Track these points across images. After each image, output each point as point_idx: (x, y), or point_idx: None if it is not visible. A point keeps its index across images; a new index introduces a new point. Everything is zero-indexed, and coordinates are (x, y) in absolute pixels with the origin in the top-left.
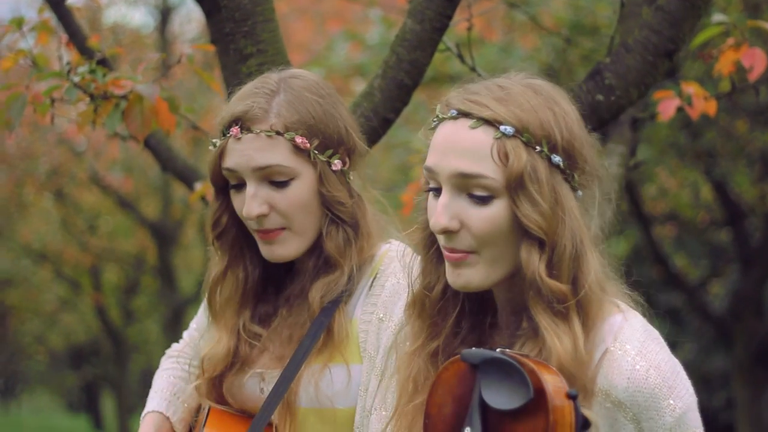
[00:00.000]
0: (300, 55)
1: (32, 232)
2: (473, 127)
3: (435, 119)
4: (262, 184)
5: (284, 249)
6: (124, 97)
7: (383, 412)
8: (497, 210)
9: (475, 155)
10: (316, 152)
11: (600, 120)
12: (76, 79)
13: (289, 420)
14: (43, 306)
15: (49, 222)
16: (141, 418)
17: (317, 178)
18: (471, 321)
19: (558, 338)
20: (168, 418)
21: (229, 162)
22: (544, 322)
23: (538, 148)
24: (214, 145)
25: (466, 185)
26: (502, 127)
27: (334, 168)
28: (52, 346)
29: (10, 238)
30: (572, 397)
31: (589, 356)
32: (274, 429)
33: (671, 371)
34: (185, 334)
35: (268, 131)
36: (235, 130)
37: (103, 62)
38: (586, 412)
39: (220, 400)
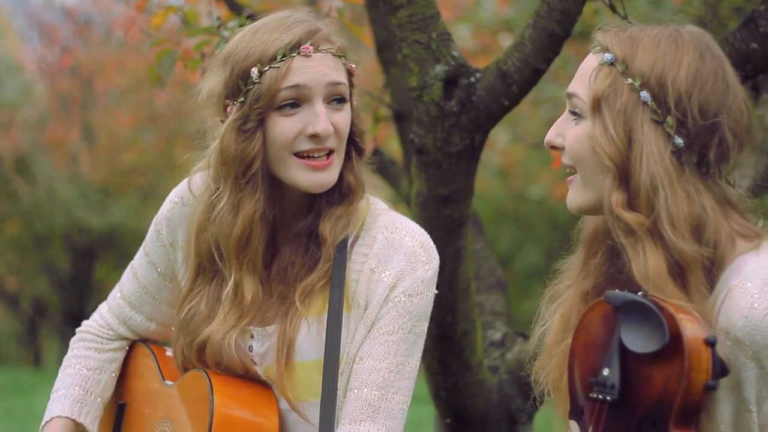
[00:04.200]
0: (447, 11)
1: None
2: (594, 53)
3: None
4: (323, 103)
5: (331, 176)
6: None
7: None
8: (582, 130)
9: (581, 77)
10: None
11: (754, 68)
12: (226, 33)
13: (287, 376)
14: None
15: None
16: (42, 424)
17: (351, 107)
18: (616, 264)
19: (635, 260)
20: (78, 422)
21: (299, 78)
22: (627, 246)
23: (629, 80)
24: (261, 72)
25: (570, 104)
26: (605, 55)
27: (354, 102)
28: None
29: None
30: (710, 344)
31: (716, 297)
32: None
33: None
34: (103, 309)
35: (335, 52)
36: (307, 48)
37: (252, 17)
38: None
39: (200, 361)
